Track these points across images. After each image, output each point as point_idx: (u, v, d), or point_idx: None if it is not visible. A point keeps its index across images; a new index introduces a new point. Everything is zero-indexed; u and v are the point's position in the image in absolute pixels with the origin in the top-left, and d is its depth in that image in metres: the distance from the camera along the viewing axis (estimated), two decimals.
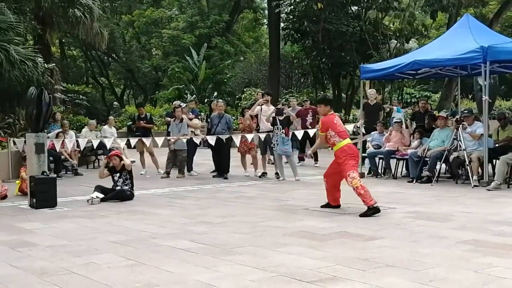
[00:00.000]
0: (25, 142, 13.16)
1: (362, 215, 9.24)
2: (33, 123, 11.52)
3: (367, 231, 7.97)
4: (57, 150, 16.21)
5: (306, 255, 6.63)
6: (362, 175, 14.77)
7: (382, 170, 15.20)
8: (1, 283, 5.74)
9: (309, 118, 18.53)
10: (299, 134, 16.29)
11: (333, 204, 10.05)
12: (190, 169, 16.37)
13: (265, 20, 47.01)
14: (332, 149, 9.85)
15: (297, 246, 7.13)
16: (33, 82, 17.09)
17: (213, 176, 15.78)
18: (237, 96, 35.62)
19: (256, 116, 16.04)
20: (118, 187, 11.82)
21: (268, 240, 7.54)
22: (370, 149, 15.38)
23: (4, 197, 12.26)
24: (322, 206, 10.10)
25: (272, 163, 16.16)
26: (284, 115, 14.95)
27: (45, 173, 11.23)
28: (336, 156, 9.70)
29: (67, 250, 7.15)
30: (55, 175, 12.77)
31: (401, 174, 15.11)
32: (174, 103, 20.62)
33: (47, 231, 8.61)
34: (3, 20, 17.41)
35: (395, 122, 15.81)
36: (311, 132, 16.21)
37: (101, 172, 12.22)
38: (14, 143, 15.92)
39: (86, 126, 20.08)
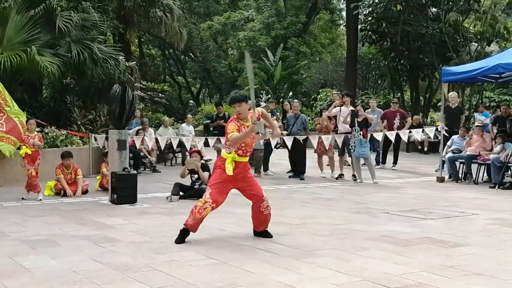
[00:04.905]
0: (106, 138, 13.42)
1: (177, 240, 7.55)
2: (116, 120, 11.72)
3: (452, 237, 7.78)
4: (137, 147, 16.48)
5: (390, 260, 6.51)
6: (442, 180, 14.54)
7: (463, 175, 14.85)
8: (86, 278, 5.83)
9: (397, 121, 17.99)
10: (378, 136, 16.13)
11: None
12: (266, 168, 16.33)
13: (341, 21, 46.66)
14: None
15: (380, 250, 7.02)
16: (114, 80, 17.47)
17: (289, 177, 15.70)
18: (312, 97, 35.39)
19: (335, 117, 15.96)
20: (196, 186, 11.91)
21: (349, 243, 7.44)
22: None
23: (85, 192, 12.52)
24: None
25: (349, 165, 15.98)
26: (362, 117, 14.72)
27: (126, 170, 11.41)
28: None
29: (149, 247, 7.23)
30: (135, 172, 12.96)
31: (482, 179, 14.71)
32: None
33: (128, 227, 8.75)
34: (88, 18, 17.79)
35: (476, 126, 15.47)
36: (394, 134, 16.03)
37: (182, 172, 12.29)
38: (95, 139, 16.20)
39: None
